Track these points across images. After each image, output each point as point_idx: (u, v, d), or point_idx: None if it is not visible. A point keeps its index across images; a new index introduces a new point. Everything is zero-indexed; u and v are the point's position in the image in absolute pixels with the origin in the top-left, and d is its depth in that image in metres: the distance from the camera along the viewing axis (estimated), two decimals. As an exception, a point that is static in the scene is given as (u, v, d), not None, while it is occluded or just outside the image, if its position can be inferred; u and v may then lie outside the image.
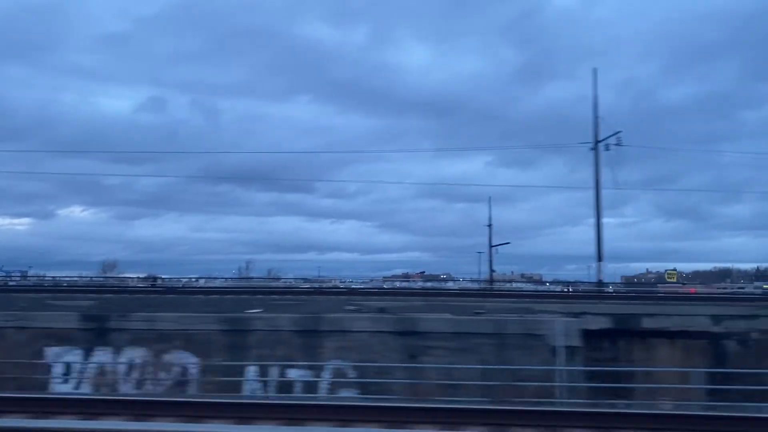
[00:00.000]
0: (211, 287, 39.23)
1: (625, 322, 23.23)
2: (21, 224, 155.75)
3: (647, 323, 23.06)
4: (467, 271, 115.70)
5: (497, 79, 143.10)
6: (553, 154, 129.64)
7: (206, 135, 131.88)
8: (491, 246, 62.29)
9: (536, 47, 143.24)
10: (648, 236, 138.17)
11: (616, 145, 40.22)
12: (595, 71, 41.92)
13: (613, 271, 68.24)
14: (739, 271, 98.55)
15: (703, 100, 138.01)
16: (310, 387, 18.70)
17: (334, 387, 18.63)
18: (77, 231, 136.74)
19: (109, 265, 72.86)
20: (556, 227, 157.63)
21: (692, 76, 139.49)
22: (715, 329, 22.52)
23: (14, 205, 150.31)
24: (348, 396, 17.80)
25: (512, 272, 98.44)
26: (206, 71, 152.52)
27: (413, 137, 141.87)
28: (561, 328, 19.64)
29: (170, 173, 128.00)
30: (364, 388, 18.19)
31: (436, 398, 15.67)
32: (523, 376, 17.96)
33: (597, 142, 41.34)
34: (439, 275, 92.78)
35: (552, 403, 17.05)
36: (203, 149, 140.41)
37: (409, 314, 20.65)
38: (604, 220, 40.87)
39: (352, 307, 21.72)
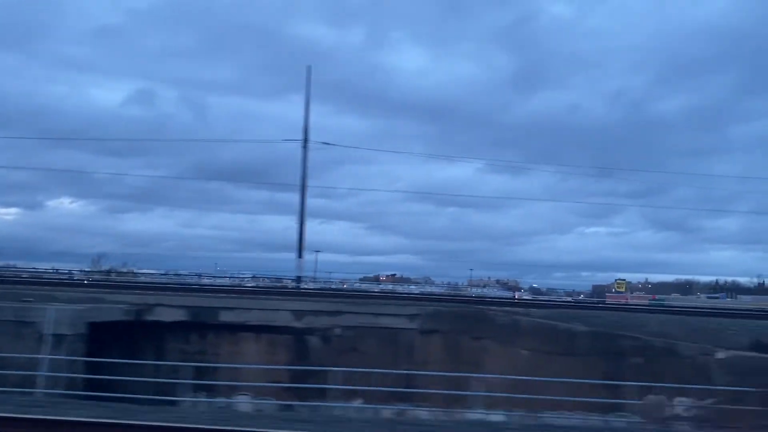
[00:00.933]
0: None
1: (201, 314, 21.39)
2: (8, 214, 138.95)
3: (226, 316, 21.34)
4: (458, 275, 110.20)
5: (491, 86, 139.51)
6: (544, 162, 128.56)
7: (198, 131, 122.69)
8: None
9: (530, 55, 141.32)
10: (637, 247, 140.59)
11: (325, 143, 39.64)
12: (309, 69, 40.06)
13: (603, 279, 67.07)
14: (699, 284, 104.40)
15: (693, 113, 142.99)
16: None
17: None
18: (66, 223, 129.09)
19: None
20: (545, 234, 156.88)
21: (683, 89, 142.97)
22: (298, 325, 21.24)
23: (2, 194, 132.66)
24: None
25: (489, 278, 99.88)
26: (199, 67, 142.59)
27: (406, 140, 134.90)
28: (52, 317, 17.62)
29: (160, 168, 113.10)
30: None
31: None
32: (8, 364, 16.08)
33: (305, 141, 39.60)
34: (411, 278, 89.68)
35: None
36: (194, 145, 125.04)
37: None
38: (593, 230, 38.80)
39: None
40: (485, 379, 18.43)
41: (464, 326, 20.73)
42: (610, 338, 19.79)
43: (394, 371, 18.64)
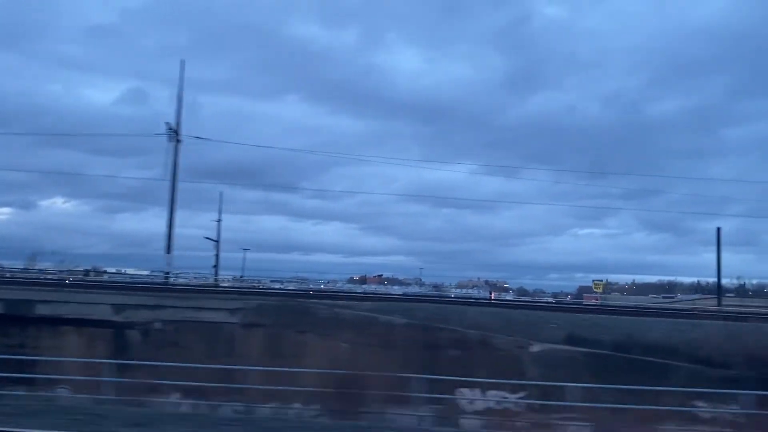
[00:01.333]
0: None
1: (18, 307, 20.69)
2: (1, 214, 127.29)
3: (42, 310, 20.75)
4: (454, 275, 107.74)
5: (487, 87, 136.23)
6: (541, 163, 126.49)
7: (193, 131, 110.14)
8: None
9: (526, 56, 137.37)
10: (632, 248, 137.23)
11: (198, 138, 38.92)
12: (182, 63, 39.74)
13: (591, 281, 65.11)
14: (682, 285, 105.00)
15: (689, 115, 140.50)
16: None
17: None
18: (59, 222, 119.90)
19: None
20: (540, 236, 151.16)
21: (680, 90, 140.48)
22: (117, 318, 20.78)
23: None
24: None
25: (478, 278, 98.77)
26: (193, 66, 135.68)
27: (401, 141, 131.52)
28: None
29: (155, 167, 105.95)
30: None
31: None
32: None
33: (177, 133, 38.73)
34: (399, 279, 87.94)
35: None
36: (189, 143, 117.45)
37: None
38: (588, 231, 37.62)
39: None
40: (303, 372, 18.31)
41: (287, 320, 20.65)
42: (427, 330, 20.01)
43: (213, 366, 18.33)
